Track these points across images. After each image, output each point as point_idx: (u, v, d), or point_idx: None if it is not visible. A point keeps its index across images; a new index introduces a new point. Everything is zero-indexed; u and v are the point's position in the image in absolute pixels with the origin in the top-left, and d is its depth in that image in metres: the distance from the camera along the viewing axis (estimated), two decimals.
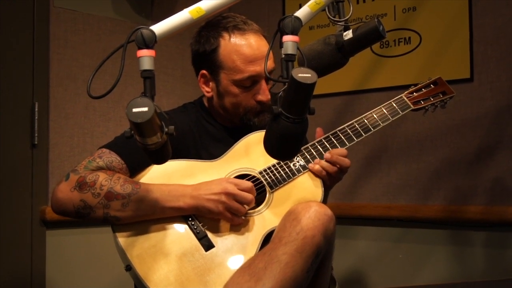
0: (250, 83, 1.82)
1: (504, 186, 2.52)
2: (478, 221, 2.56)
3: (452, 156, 2.68)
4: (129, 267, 1.64)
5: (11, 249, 2.72)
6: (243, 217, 1.70)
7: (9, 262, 2.71)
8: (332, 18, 1.55)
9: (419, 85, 2.04)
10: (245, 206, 1.69)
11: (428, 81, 2.06)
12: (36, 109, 2.78)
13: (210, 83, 1.91)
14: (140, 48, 1.33)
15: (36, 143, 2.78)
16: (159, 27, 1.37)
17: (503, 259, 2.54)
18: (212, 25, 1.89)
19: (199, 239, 1.67)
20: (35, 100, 2.79)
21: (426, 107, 2.03)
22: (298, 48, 1.37)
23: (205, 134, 1.91)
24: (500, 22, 2.56)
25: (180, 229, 1.69)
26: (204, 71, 1.90)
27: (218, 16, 1.90)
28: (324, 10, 1.52)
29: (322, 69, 1.56)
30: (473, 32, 2.63)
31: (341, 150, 1.82)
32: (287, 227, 1.53)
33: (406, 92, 2.01)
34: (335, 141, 1.86)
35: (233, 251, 1.66)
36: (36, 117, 2.78)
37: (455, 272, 2.67)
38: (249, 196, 1.68)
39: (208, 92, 1.92)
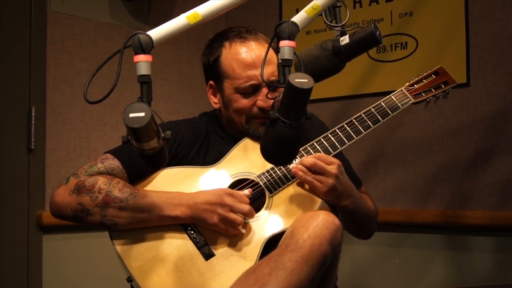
0: (250, 89, 1.81)
1: (501, 191, 2.52)
2: (475, 225, 2.56)
3: (448, 160, 2.68)
4: (130, 279, 1.64)
5: (7, 253, 2.71)
6: (239, 228, 1.68)
7: (6, 266, 2.70)
8: (329, 23, 1.55)
9: (420, 76, 1.98)
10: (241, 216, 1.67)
11: (429, 71, 1.99)
12: (33, 114, 2.78)
13: (217, 94, 1.91)
14: (137, 53, 1.33)
15: (32, 147, 2.78)
16: (156, 32, 1.37)
17: (500, 264, 2.54)
18: (217, 36, 1.90)
19: (199, 248, 1.67)
20: (32, 104, 2.79)
21: (428, 99, 1.96)
22: (295, 53, 1.37)
23: (212, 148, 1.89)
24: (496, 27, 2.57)
25: (179, 238, 1.68)
26: (211, 82, 1.91)
27: (226, 28, 1.91)
28: (321, 15, 1.52)
29: (318, 74, 1.55)
30: (470, 37, 2.64)
31: (317, 155, 1.74)
32: (294, 234, 1.52)
33: (406, 85, 1.96)
34: (334, 140, 1.81)
35: (233, 259, 1.65)
36: (33, 122, 2.78)
37: (452, 276, 2.67)
38: (246, 208, 1.66)
39: (216, 103, 1.93)
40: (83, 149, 2.94)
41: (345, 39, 1.56)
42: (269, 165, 1.78)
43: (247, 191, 1.72)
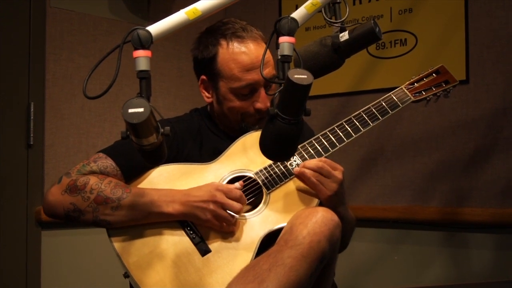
0: (248, 91, 1.81)
1: (500, 188, 2.53)
2: (473, 223, 2.57)
3: (447, 158, 2.68)
4: (126, 275, 1.64)
5: (6, 249, 2.71)
6: (236, 224, 1.68)
7: (4, 262, 2.71)
8: (329, 19, 1.54)
9: (421, 75, 1.98)
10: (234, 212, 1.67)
11: (430, 70, 1.99)
12: (32, 109, 2.78)
13: (210, 89, 1.90)
14: (136, 49, 1.33)
15: (31, 143, 2.78)
16: (155, 28, 1.36)
17: (498, 260, 2.54)
18: (212, 32, 1.87)
19: (195, 244, 1.66)
20: (31, 100, 2.79)
21: (428, 98, 1.96)
22: (294, 49, 1.36)
23: (206, 144, 1.89)
24: (496, 25, 2.56)
25: (176, 234, 1.68)
26: (203, 77, 1.90)
27: (218, 22, 1.89)
28: (321, 11, 1.52)
29: (318, 70, 1.55)
30: (469, 34, 2.64)
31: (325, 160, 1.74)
32: (293, 231, 1.52)
33: (406, 83, 1.95)
34: (332, 138, 1.81)
35: (229, 255, 1.65)
36: (32, 117, 2.78)
37: (451, 273, 2.67)
38: (237, 206, 1.66)
39: (208, 97, 1.92)
40: (82, 145, 2.94)
41: (344, 36, 1.55)
42: (268, 162, 1.78)
43: (238, 184, 1.71)
